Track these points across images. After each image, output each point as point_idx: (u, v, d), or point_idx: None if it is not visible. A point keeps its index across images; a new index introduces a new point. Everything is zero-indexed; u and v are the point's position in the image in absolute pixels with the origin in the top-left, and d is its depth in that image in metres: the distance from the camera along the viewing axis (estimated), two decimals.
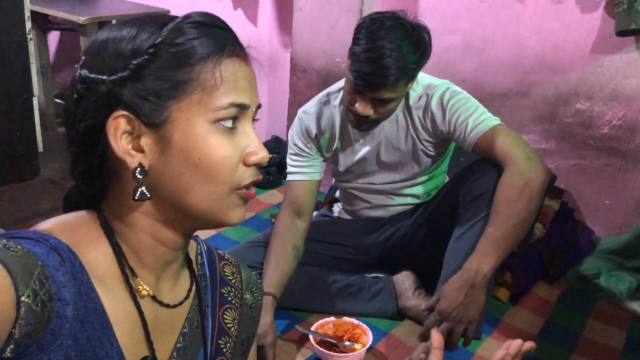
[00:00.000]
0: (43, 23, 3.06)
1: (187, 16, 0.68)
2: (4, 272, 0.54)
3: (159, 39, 0.65)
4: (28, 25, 2.40)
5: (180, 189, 0.67)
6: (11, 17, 2.35)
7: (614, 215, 2.17)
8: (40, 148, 2.66)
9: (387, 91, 1.54)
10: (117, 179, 0.69)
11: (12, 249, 0.57)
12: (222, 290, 0.86)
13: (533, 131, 2.23)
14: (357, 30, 1.55)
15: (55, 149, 2.86)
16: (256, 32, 2.90)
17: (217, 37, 0.67)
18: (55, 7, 2.85)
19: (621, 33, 1.89)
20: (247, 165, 0.69)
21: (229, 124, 0.67)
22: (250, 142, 0.70)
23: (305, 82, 2.55)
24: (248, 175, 0.70)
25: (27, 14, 2.39)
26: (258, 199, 2.59)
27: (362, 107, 1.57)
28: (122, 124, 0.65)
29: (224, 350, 0.84)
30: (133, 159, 0.66)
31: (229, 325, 0.85)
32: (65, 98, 0.72)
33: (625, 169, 2.10)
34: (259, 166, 0.71)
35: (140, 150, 0.66)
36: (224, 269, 0.88)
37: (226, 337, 0.84)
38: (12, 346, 0.54)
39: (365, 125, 1.67)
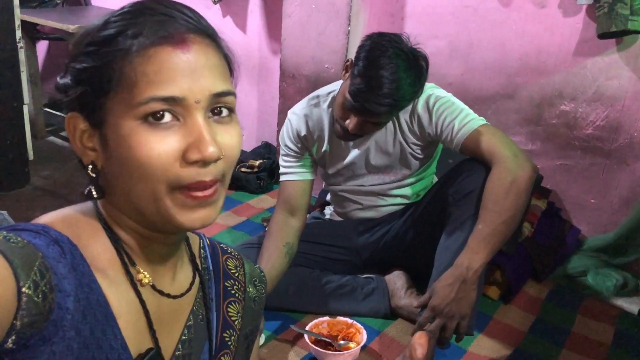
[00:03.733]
0: (32, 32, 3.07)
1: (122, 7, 0.66)
2: (4, 263, 0.54)
3: (91, 37, 0.65)
4: (18, 34, 2.41)
5: (124, 189, 0.66)
6: (1, 26, 2.36)
7: (599, 213, 2.22)
8: (31, 156, 2.67)
9: (380, 118, 1.60)
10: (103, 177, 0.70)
11: (12, 240, 0.57)
12: (226, 283, 0.85)
13: (519, 133, 2.27)
14: (359, 50, 1.57)
15: (45, 157, 2.86)
16: (245, 39, 2.93)
17: (142, 26, 0.63)
18: (44, 16, 2.86)
19: (602, 35, 1.94)
20: (186, 162, 0.63)
21: (160, 119, 0.62)
22: (192, 138, 0.63)
23: (294, 88, 2.58)
24: (186, 175, 0.63)
25: (18, 22, 2.40)
26: (249, 204, 2.61)
27: (352, 126, 1.61)
28: (79, 123, 0.66)
29: (229, 343, 0.84)
30: (87, 158, 0.68)
31: (233, 319, 0.85)
32: None
33: (609, 168, 2.15)
34: (206, 164, 0.64)
35: (94, 149, 0.67)
36: (227, 263, 0.88)
37: (230, 330, 0.84)
38: (13, 337, 0.54)
39: (351, 138, 1.72)
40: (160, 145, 0.62)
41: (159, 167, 0.62)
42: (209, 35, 0.67)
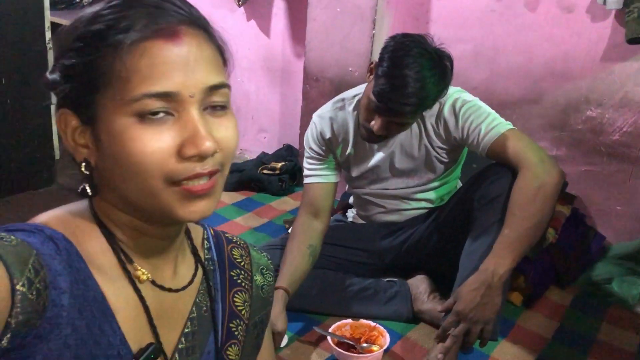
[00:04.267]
0: None
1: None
2: None
3: (79, 31, 0.63)
4: (48, 35, 2.45)
5: (119, 185, 0.65)
6: (33, 28, 2.40)
7: (625, 221, 2.19)
8: (57, 156, 2.71)
9: (405, 118, 1.59)
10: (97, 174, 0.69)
11: (5, 239, 0.57)
12: (231, 273, 0.84)
13: (544, 138, 2.26)
14: (383, 51, 1.58)
15: (71, 157, 2.90)
16: (269, 42, 2.95)
17: (131, 19, 0.61)
18: (72, 17, 2.89)
19: (632, 41, 1.92)
20: (182, 157, 0.62)
21: (155, 115, 0.61)
22: (187, 133, 0.62)
23: (318, 91, 2.59)
24: (183, 169, 0.63)
25: (48, 24, 2.45)
26: (271, 206, 2.62)
27: (377, 127, 1.61)
28: (71, 120, 0.65)
29: (236, 333, 0.83)
30: (79, 155, 0.66)
31: (239, 308, 0.84)
32: None
33: (636, 175, 2.12)
34: (203, 158, 0.63)
35: (87, 146, 0.66)
36: (232, 252, 0.87)
37: (237, 320, 0.83)
38: (8, 335, 0.54)
39: (376, 140, 1.72)
40: (154, 142, 0.61)
41: (154, 163, 0.62)
42: (201, 25, 0.65)
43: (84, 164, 0.66)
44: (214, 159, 0.65)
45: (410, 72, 1.51)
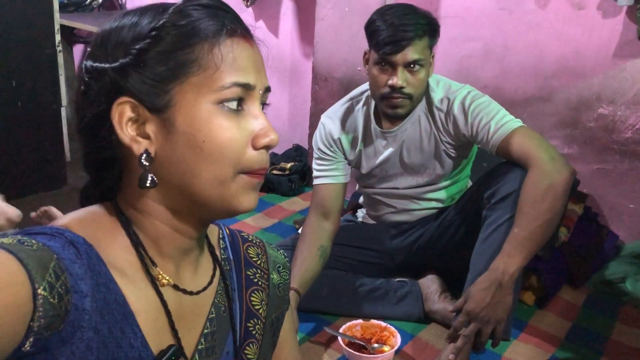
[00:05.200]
0: (69, 36, 3.14)
1: (188, 0, 0.68)
2: (18, 266, 0.54)
3: (161, 22, 0.65)
4: (57, 37, 2.47)
5: (186, 174, 0.66)
6: (42, 30, 2.42)
7: (638, 219, 2.17)
8: (68, 157, 2.72)
9: (413, 49, 1.62)
10: (128, 168, 0.69)
11: (26, 243, 0.57)
12: (248, 272, 0.85)
13: (555, 136, 2.24)
14: (369, 22, 1.68)
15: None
16: (278, 42, 2.94)
17: (219, 18, 0.67)
18: (81, 20, 2.93)
19: None
20: (255, 148, 0.68)
21: (233, 105, 0.66)
22: (259, 125, 0.68)
23: (326, 91, 2.59)
24: (256, 160, 0.68)
25: (57, 27, 2.46)
26: (281, 206, 2.62)
27: (397, 78, 1.63)
28: (127, 110, 0.65)
29: (253, 332, 0.83)
30: (139, 146, 0.66)
31: (256, 307, 0.84)
32: (76, 91, 0.71)
33: None
34: (269, 149, 0.69)
35: (146, 136, 0.66)
36: (248, 251, 0.87)
37: (255, 319, 0.83)
38: (31, 339, 0.54)
39: (401, 105, 1.70)
40: (237, 130, 0.66)
41: (234, 151, 0.66)
42: (253, 37, 0.72)
43: (144, 155, 0.66)
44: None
45: (399, 10, 1.63)
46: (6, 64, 2.36)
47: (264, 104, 0.72)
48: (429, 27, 1.65)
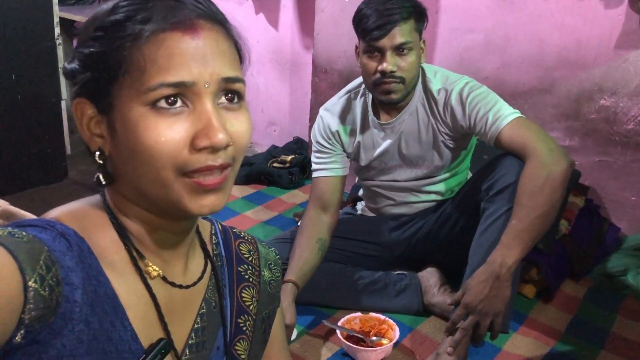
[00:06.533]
0: (69, 29, 3.13)
1: None
2: (9, 258, 0.54)
3: (98, 22, 0.64)
4: (57, 30, 2.46)
5: (132, 176, 0.66)
6: (41, 23, 2.41)
7: None
8: (68, 151, 2.72)
9: (400, 32, 1.62)
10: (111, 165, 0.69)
11: (17, 235, 0.57)
12: (239, 268, 0.85)
13: (556, 128, 2.22)
14: (355, 12, 1.71)
15: (82, 152, 2.91)
16: (278, 35, 2.93)
17: (151, 11, 0.62)
18: (81, 12, 2.92)
19: None
20: (195, 149, 0.63)
21: (170, 105, 0.62)
22: (201, 124, 0.63)
23: (327, 83, 2.57)
24: (195, 161, 0.63)
25: (56, 19, 2.46)
26: (281, 199, 2.61)
27: (386, 63, 1.63)
28: (87, 110, 0.66)
29: (244, 328, 0.83)
30: (94, 144, 0.67)
31: (247, 304, 0.84)
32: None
33: None
34: (215, 151, 0.63)
35: (102, 135, 0.67)
36: (240, 247, 0.87)
37: (245, 316, 0.83)
38: (22, 332, 0.54)
39: (394, 90, 1.68)
40: (168, 132, 0.62)
41: (167, 153, 0.62)
42: (219, 21, 0.66)
43: (97, 153, 0.67)
44: (226, 153, 0.65)
45: None
46: (6, 57, 2.35)
47: (233, 95, 0.66)
48: (414, 10, 1.65)
